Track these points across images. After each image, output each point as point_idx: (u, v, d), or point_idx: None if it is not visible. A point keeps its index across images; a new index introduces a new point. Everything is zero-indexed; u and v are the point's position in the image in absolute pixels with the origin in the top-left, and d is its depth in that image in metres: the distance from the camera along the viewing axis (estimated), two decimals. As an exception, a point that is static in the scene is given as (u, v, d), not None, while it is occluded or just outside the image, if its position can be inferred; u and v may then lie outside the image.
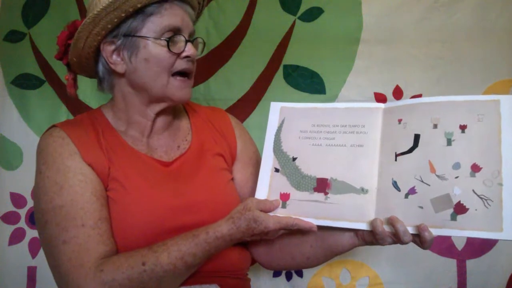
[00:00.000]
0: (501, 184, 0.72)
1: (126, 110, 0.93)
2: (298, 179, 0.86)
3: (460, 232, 0.73)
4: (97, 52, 0.90)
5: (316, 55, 1.37)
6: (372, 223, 0.78)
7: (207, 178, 0.92)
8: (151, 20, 0.87)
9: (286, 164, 0.88)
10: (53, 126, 0.90)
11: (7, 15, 1.43)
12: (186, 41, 0.88)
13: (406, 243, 0.76)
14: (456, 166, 0.76)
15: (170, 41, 0.87)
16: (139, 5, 0.85)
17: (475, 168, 0.75)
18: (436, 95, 1.33)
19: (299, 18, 1.38)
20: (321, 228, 0.81)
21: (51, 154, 0.85)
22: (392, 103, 0.87)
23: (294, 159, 0.88)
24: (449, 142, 0.78)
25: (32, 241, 1.38)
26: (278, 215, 0.83)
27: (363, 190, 0.81)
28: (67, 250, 0.78)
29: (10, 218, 1.38)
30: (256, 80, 1.38)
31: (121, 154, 0.89)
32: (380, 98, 1.35)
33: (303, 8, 1.38)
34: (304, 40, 1.37)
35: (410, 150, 0.80)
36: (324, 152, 0.86)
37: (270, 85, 1.38)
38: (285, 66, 1.38)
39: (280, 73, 1.38)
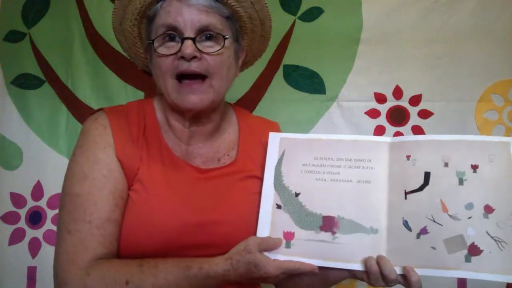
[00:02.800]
0: None
1: (166, 111, 0.91)
2: (302, 217, 0.82)
3: (476, 275, 0.72)
4: None
5: (316, 55, 1.36)
6: (367, 262, 0.75)
7: (236, 200, 0.87)
8: (154, 23, 0.85)
9: (289, 200, 0.84)
10: (101, 109, 0.89)
11: (7, 15, 1.42)
12: (183, 39, 0.80)
13: (392, 282, 0.74)
14: (469, 206, 0.75)
15: (154, 43, 0.82)
16: (136, 11, 0.86)
17: (488, 209, 0.74)
18: (436, 95, 1.34)
19: (299, 18, 1.38)
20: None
21: (88, 141, 0.84)
22: (398, 138, 0.85)
23: (297, 194, 0.84)
24: (461, 182, 0.76)
25: (32, 241, 1.38)
26: (282, 255, 0.79)
27: (372, 230, 0.78)
28: (68, 241, 0.78)
29: (10, 218, 1.38)
30: (256, 80, 1.38)
31: (156, 156, 0.86)
32: (380, 98, 1.35)
33: (303, 8, 1.37)
34: (304, 40, 1.37)
35: (421, 188, 0.78)
36: (329, 188, 0.82)
37: (270, 85, 1.38)
38: (285, 66, 1.38)
39: (280, 73, 1.38)
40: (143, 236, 0.80)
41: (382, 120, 1.35)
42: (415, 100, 1.34)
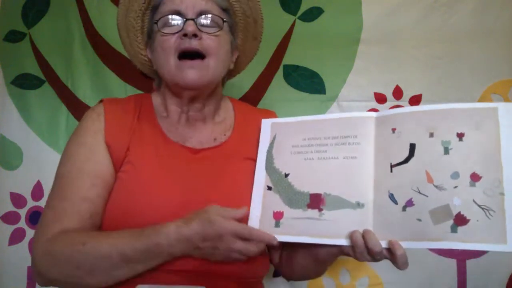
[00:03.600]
0: (502, 194, 0.70)
1: (165, 98, 0.96)
2: (291, 196, 0.83)
3: (462, 245, 0.70)
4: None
5: (316, 55, 1.36)
6: (352, 236, 0.75)
7: (229, 180, 0.89)
8: (158, 11, 0.91)
9: (279, 181, 0.85)
10: (103, 100, 0.95)
11: (7, 15, 1.43)
12: (185, 20, 0.87)
13: (377, 255, 0.73)
14: (455, 175, 0.73)
15: (159, 23, 0.89)
16: (142, 1, 0.92)
17: (475, 177, 0.72)
18: (436, 95, 1.34)
19: (299, 18, 1.38)
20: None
21: (81, 127, 0.92)
22: (384, 111, 0.84)
23: (286, 175, 0.85)
24: (446, 151, 0.75)
25: (32, 241, 1.38)
26: (272, 234, 0.79)
27: (359, 205, 0.78)
28: (45, 216, 0.85)
29: (10, 218, 1.38)
30: (256, 80, 1.38)
31: (149, 139, 0.90)
32: (380, 98, 1.35)
33: (303, 8, 1.37)
34: (304, 40, 1.37)
35: (406, 161, 0.77)
36: (317, 167, 0.83)
37: (270, 85, 1.38)
38: (285, 66, 1.38)
39: (280, 73, 1.38)
40: (132, 212, 0.82)
41: (382, 120, 1.35)
42: (415, 100, 1.34)
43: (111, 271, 0.78)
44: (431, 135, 0.77)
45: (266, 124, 0.93)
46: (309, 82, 1.37)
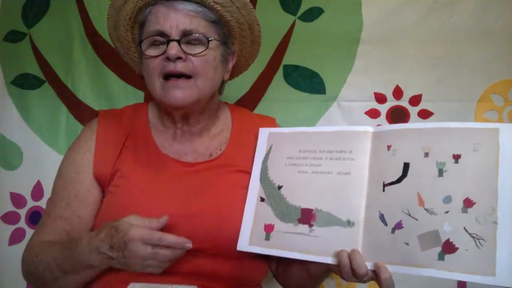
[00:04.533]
0: (495, 223, 0.65)
1: (160, 112, 0.96)
2: (283, 209, 0.81)
3: (448, 274, 0.66)
4: None
5: (316, 55, 1.36)
6: (338, 255, 0.73)
7: (222, 193, 0.88)
8: (144, 28, 0.90)
9: (272, 193, 0.84)
10: (99, 113, 0.98)
11: (7, 15, 1.43)
12: (168, 41, 0.84)
13: (361, 276, 0.71)
14: (447, 199, 0.69)
15: (142, 44, 0.87)
16: (128, 17, 0.91)
17: (468, 203, 0.68)
18: (436, 95, 1.34)
19: (299, 18, 1.38)
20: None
21: (75, 144, 0.95)
22: (381, 127, 0.82)
23: (279, 187, 0.84)
24: (440, 173, 0.71)
25: (32, 242, 1.38)
26: (261, 247, 0.79)
27: (349, 223, 0.75)
28: (39, 223, 0.93)
29: (10, 218, 1.38)
30: (256, 80, 1.38)
31: (142, 154, 0.91)
32: (380, 98, 1.35)
33: (303, 8, 1.37)
34: (304, 40, 1.36)
35: (399, 180, 0.74)
36: (310, 180, 0.81)
37: (270, 85, 1.38)
38: (285, 66, 1.38)
39: (280, 73, 1.38)
40: None
41: (382, 120, 1.35)
42: (415, 100, 1.34)
43: (56, 282, 0.82)
44: (426, 155, 0.73)
45: (264, 133, 0.91)
46: (309, 82, 1.37)
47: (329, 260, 0.74)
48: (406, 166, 0.74)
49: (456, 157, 0.71)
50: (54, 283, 0.83)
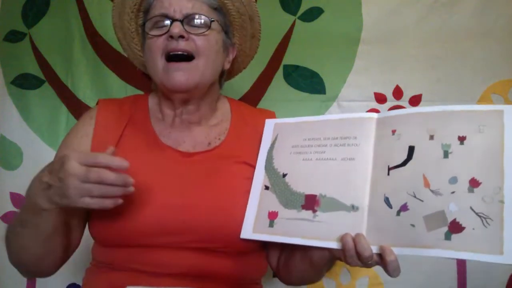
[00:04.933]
0: (502, 202, 0.65)
1: (159, 100, 0.96)
2: (287, 197, 0.82)
3: (455, 254, 0.65)
4: None
5: (316, 55, 1.36)
6: (343, 239, 0.72)
7: (221, 183, 0.88)
8: (149, 14, 0.91)
9: (276, 181, 0.84)
10: (99, 101, 0.97)
11: (7, 15, 1.43)
12: (172, 21, 0.86)
13: (367, 259, 0.70)
14: (453, 180, 0.69)
15: (146, 25, 0.89)
16: (133, 4, 0.92)
17: (474, 183, 0.68)
18: (436, 95, 1.34)
19: (299, 18, 1.38)
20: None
21: (72, 129, 0.94)
22: (386, 113, 0.82)
23: (284, 175, 0.84)
24: (446, 155, 0.71)
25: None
26: (265, 234, 0.80)
27: (353, 208, 0.75)
28: None
29: (10, 218, 1.38)
30: (256, 80, 1.38)
31: (141, 142, 0.90)
32: (380, 98, 1.35)
33: (303, 8, 1.37)
34: (304, 40, 1.37)
35: (404, 163, 0.74)
36: (314, 167, 0.82)
37: (270, 85, 1.38)
38: (285, 66, 1.38)
39: (280, 73, 1.38)
40: (120, 216, 0.81)
41: (382, 120, 1.35)
42: (415, 100, 1.34)
43: (17, 241, 0.81)
44: (431, 137, 0.73)
45: (269, 124, 0.93)
46: (309, 82, 1.37)
47: (333, 244, 0.74)
48: (411, 149, 0.74)
49: (461, 139, 0.71)
50: (16, 244, 0.81)
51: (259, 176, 0.87)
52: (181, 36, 0.85)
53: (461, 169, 0.70)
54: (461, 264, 1.31)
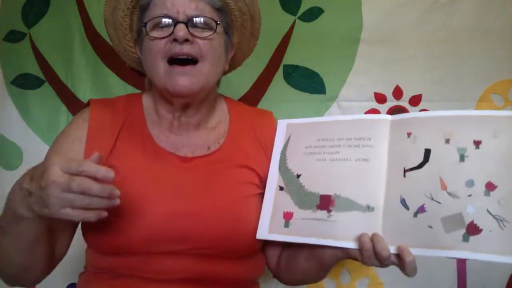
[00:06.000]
0: None
1: (156, 101, 0.92)
2: (301, 197, 0.82)
3: (473, 255, 0.67)
4: None
5: (316, 55, 1.36)
6: (360, 239, 0.73)
7: (221, 188, 0.86)
8: (147, 12, 0.87)
9: (290, 182, 0.85)
10: (90, 102, 0.93)
11: (7, 15, 1.43)
12: (176, 23, 0.81)
13: (385, 259, 0.71)
14: (469, 183, 0.71)
15: (147, 25, 0.84)
16: (129, 0, 0.87)
17: (490, 187, 0.70)
18: (436, 95, 1.34)
19: (299, 18, 1.38)
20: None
21: (64, 133, 0.90)
22: (400, 115, 0.82)
23: (298, 176, 0.84)
24: (462, 158, 0.73)
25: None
26: (280, 235, 0.80)
27: (368, 208, 0.76)
28: None
29: (10, 218, 1.38)
30: (256, 80, 1.38)
31: (137, 147, 0.86)
32: (380, 98, 1.35)
33: (303, 8, 1.37)
34: (304, 40, 1.37)
35: (420, 166, 0.75)
36: (328, 167, 0.82)
37: (270, 85, 1.38)
38: (285, 66, 1.38)
39: (280, 73, 1.38)
40: (116, 223, 0.79)
41: (382, 120, 1.35)
42: (415, 100, 1.34)
43: (6, 251, 0.76)
44: (447, 141, 0.75)
45: (282, 125, 0.93)
46: (309, 82, 1.37)
47: (351, 244, 0.75)
48: (427, 152, 0.76)
49: (477, 143, 0.73)
50: (8, 256, 0.76)
51: (274, 177, 0.87)
52: (186, 40, 0.82)
53: (477, 172, 0.71)
54: (461, 264, 1.31)
